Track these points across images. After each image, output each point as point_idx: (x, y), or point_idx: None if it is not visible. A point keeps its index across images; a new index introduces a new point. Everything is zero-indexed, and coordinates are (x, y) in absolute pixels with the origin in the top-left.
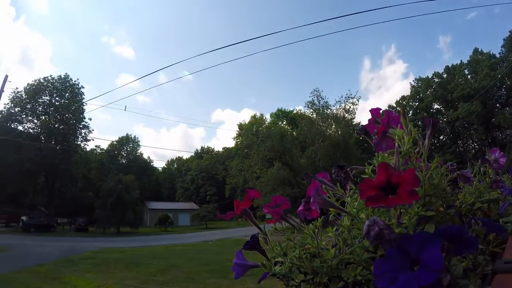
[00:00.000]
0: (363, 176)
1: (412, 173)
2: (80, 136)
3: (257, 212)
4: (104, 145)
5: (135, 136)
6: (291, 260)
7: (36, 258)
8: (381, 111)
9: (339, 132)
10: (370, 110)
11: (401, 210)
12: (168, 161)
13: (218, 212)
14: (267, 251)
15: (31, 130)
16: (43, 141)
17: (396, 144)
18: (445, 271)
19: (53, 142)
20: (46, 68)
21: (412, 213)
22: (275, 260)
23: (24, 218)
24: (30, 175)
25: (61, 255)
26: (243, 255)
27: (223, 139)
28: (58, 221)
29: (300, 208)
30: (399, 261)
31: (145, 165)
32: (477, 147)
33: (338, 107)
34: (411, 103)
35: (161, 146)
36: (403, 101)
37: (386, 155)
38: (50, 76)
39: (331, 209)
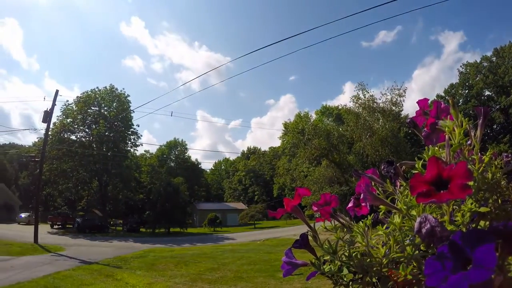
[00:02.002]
0: (413, 172)
1: (464, 167)
2: (129, 142)
3: (306, 211)
4: (153, 150)
5: (182, 140)
6: (341, 258)
7: (90, 257)
8: (429, 101)
9: (387, 126)
10: (417, 102)
11: (454, 207)
12: (215, 162)
13: (268, 210)
14: (317, 250)
15: (83, 139)
16: (95, 148)
17: (446, 136)
18: (498, 271)
19: (104, 149)
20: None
21: (465, 209)
22: (324, 258)
23: (79, 220)
24: (84, 181)
25: (114, 254)
26: (292, 254)
27: (270, 139)
28: (111, 222)
29: (350, 205)
30: (451, 260)
31: (194, 167)
32: None
33: (384, 100)
34: (460, 91)
35: (208, 148)
36: (451, 90)
37: (436, 148)
38: (97, 87)
39: (381, 206)
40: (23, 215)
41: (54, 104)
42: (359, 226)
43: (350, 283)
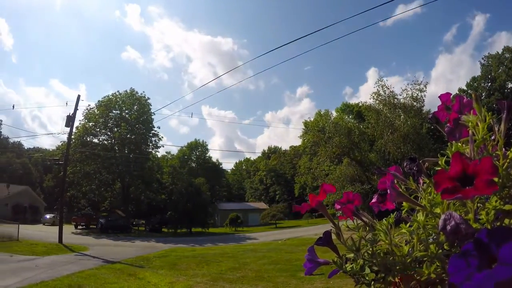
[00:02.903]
0: (436, 168)
1: (490, 162)
2: (151, 144)
3: (328, 210)
4: (175, 151)
5: (203, 141)
6: (363, 256)
7: (113, 256)
8: (451, 96)
9: (408, 122)
10: (439, 96)
11: (478, 204)
12: (236, 162)
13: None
14: (339, 248)
15: (105, 142)
16: (117, 151)
17: (470, 131)
18: None
19: (126, 151)
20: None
21: (490, 207)
22: (347, 257)
23: (102, 220)
24: (107, 182)
25: (136, 254)
26: (315, 252)
27: (290, 138)
28: (134, 222)
29: (374, 200)
30: (476, 258)
31: (215, 168)
32: None
33: (405, 95)
34: (483, 84)
35: (229, 149)
36: (474, 83)
37: (460, 144)
38: (118, 91)
39: (404, 204)
40: (48, 216)
41: (76, 109)
42: (382, 224)
43: (372, 282)
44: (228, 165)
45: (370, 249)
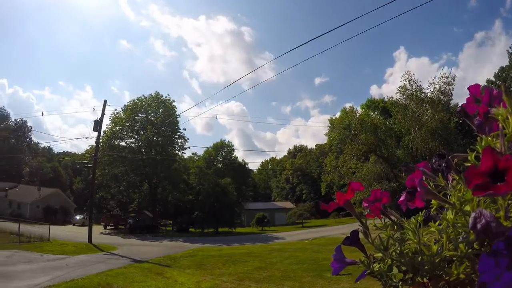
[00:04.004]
0: (466, 164)
1: None
2: (177, 146)
3: (355, 208)
4: (201, 152)
5: (229, 141)
6: (391, 255)
7: (141, 256)
8: (480, 87)
9: (436, 117)
10: (468, 88)
11: (509, 201)
12: (262, 162)
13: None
14: (367, 248)
15: (132, 145)
16: (144, 153)
17: (500, 125)
18: None
19: (153, 153)
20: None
21: None
22: (374, 256)
23: (130, 221)
24: (134, 184)
25: (164, 253)
26: (342, 251)
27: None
28: (161, 222)
29: (402, 198)
30: (507, 257)
31: (241, 168)
32: None
33: (432, 89)
34: (511, 74)
35: (254, 148)
36: (502, 73)
37: (490, 138)
38: (143, 95)
39: (433, 201)
40: (78, 217)
41: (103, 114)
42: (410, 222)
43: (400, 283)
44: (254, 164)
45: (398, 248)
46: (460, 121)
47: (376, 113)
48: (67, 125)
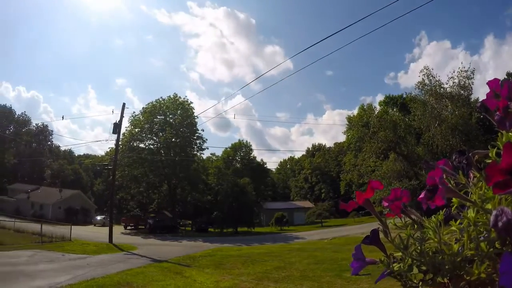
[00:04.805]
0: (487, 161)
1: None
2: (195, 147)
3: (375, 207)
4: (219, 152)
5: (247, 141)
6: (411, 255)
7: (161, 255)
8: (500, 81)
9: (456, 112)
10: (487, 83)
11: None
12: (281, 161)
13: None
14: (387, 247)
15: (151, 146)
16: (163, 154)
17: None
18: None
19: (172, 155)
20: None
21: None
22: (394, 256)
23: (150, 221)
24: (154, 185)
25: (183, 253)
26: (361, 251)
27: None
28: (181, 223)
29: (421, 196)
30: None
31: (259, 168)
32: None
33: (451, 84)
34: None
35: (272, 148)
36: None
37: (511, 134)
38: (161, 97)
39: (454, 200)
40: (98, 217)
41: (122, 116)
42: (431, 221)
43: (420, 283)
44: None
45: (419, 247)
46: (481, 116)
47: (395, 109)
48: (83, 128)
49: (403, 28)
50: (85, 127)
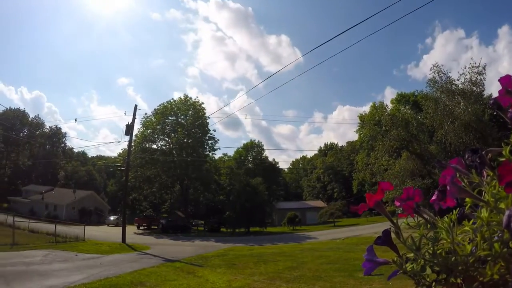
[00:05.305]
0: (500, 159)
1: None
2: (207, 147)
3: (387, 207)
4: (231, 152)
5: (258, 141)
6: (424, 255)
7: (173, 255)
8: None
9: (469, 109)
10: (499, 80)
11: None
12: (293, 161)
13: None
14: (399, 248)
15: (163, 147)
16: (175, 155)
17: None
18: None
19: (184, 155)
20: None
21: None
22: (407, 256)
23: (163, 221)
24: (166, 185)
25: (196, 253)
26: (374, 251)
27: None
28: (193, 223)
29: (434, 197)
30: None
31: (271, 167)
32: None
33: (463, 80)
34: None
35: (284, 147)
36: None
37: None
38: (172, 99)
39: (467, 199)
40: (111, 218)
41: (134, 118)
42: (444, 221)
43: (433, 283)
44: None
45: (431, 248)
46: (495, 113)
47: (407, 107)
48: (88, 128)
49: (415, 19)
50: (90, 128)
